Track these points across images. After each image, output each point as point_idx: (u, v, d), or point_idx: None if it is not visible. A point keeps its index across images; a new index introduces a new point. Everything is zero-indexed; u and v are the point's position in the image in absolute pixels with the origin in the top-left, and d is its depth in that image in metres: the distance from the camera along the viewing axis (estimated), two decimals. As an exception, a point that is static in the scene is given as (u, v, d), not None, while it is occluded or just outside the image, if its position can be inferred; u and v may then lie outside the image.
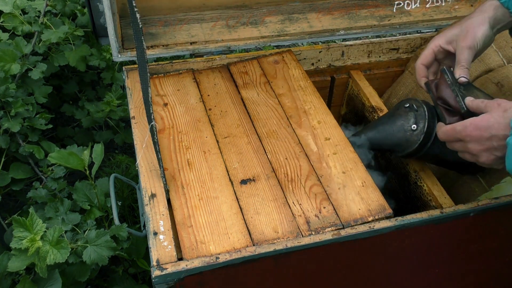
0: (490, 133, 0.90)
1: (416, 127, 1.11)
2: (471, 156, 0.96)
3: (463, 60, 1.05)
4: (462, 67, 1.05)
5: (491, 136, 0.90)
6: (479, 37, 1.04)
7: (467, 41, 1.05)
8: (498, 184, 1.22)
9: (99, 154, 1.42)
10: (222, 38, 1.45)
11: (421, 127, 1.10)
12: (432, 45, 1.12)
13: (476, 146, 0.93)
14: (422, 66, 1.13)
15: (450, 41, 1.09)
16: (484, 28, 1.05)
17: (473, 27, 1.05)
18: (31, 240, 1.15)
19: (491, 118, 0.90)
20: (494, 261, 1.27)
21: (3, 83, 1.57)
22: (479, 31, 1.04)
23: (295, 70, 1.37)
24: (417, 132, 1.11)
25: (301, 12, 1.56)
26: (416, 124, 1.11)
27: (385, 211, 1.04)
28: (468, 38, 1.05)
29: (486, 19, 1.05)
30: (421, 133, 1.10)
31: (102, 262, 1.24)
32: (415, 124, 1.12)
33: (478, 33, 1.04)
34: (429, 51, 1.12)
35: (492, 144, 0.91)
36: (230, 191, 1.06)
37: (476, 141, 0.93)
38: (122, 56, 1.35)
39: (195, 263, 0.90)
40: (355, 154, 1.16)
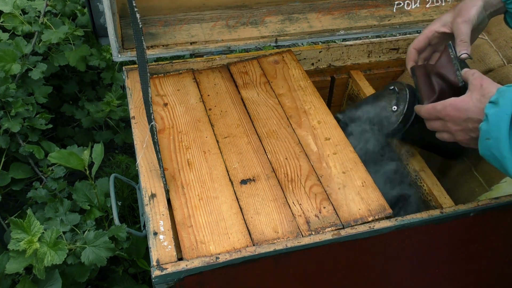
0: (466, 115, 0.94)
1: (396, 108, 1.17)
2: (449, 135, 1.00)
3: (462, 34, 1.06)
4: (462, 42, 1.06)
5: (467, 118, 0.93)
6: (473, 13, 1.06)
7: (463, 16, 1.07)
8: (498, 184, 1.22)
9: (99, 154, 1.42)
10: (222, 38, 1.45)
11: (401, 108, 1.16)
12: (427, 31, 1.14)
13: (454, 125, 0.97)
14: (413, 50, 1.16)
15: (445, 23, 1.11)
16: (478, 5, 1.07)
17: (466, 6, 1.08)
18: (28, 242, 1.14)
19: (469, 101, 0.93)
20: (494, 261, 1.27)
21: (3, 83, 1.57)
22: (473, 9, 1.07)
23: (295, 70, 1.37)
24: (397, 113, 1.17)
25: (301, 12, 1.56)
26: (397, 105, 1.17)
27: (385, 211, 1.04)
28: (463, 14, 1.07)
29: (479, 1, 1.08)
30: (400, 114, 1.16)
31: (101, 263, 1.24)
32: (396, 105, 1.17)
33: (472, 10, 1.07)
34: (423, 36, 1.14)
35: (468, 126, 0.94)
36: (230, 191, 1.06)
37: (454, 121, 0.96)
38: (122, 56, 1.35)
39: (195, 263, 0.90)
40: (355, 154, 1.16)
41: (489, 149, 0.87)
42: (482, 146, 0.89)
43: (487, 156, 0.89)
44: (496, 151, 0.85)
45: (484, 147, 0.88)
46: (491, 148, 0.86)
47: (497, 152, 0.85)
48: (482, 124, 0.88)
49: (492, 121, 0.85)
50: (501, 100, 0.85)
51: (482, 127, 0.88)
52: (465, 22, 1.06)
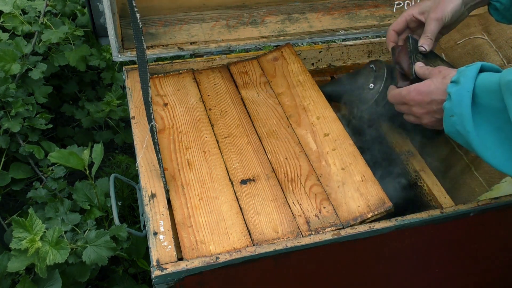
0: (430, 97, 0.98)
1: (373, 86, 1.20)
2: (415, 118, 1.04)
3: (429, 31, 1.11)
4: (425, 37, 1.11)
5: (431, 100, 0.98)
6: (448, 11, 1.09)
7: (436, 13, 1.10)
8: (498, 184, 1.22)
9: (99, 154, 1.42)
10: (222, 38, 1.45)
11: (378, 87, 1.19)
12: (406, 13, 1.17)
13: (419, 109, 1.01)
14: (393, 32, 1.19)
15: (423, 11, 1.14)
16: (455, 3, 1.09)
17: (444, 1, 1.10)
18: (30, 241, 1.14)
19: (431, 84, 0.98)
20: (494, 261, 1.27)
21: (3, 83, 1.57)
22: (449, 6, 1.09)
23: (294, 65, 1.37)
24: (373, 91, 1.20)
25: (301, 12, 1.56)
26: (373, 83, 1.20)
27: (384, 205, 1.04)
28: (438, 10, 1.10)
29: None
30: (376, 92, 1.19)
31: (102, 262, 1.24)
32: (372, 83, 1.20)
33: (448, 7, 1.09)
34: (402, 19, 1.17)
35: (432, 108, 0.99)
36: (230, 191, 1.06)
37: (419, 105, 1.01)
38: (122, 56, 1.35)
39: (195, 263, 0.90)
40: (354, 147, 1.16)
41: (453, 126, 0.91)
42: (447, 124, 0.93)
43: (452, 133, 0.92)
44: (460, 127, 0.89)
45: (448, 125, 0.92)
46: (455, 125, 0.90)
47: (461, 127, 0.89)
48: (446, 103, 0.92)
49: (455, 98, 0.90)
50: (462, 78, 0.90)
51: (446, 106, 0.92)
52: (436, 20, 1.09)
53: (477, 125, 0.88)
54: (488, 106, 0.87)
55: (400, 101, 1.06)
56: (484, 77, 0.88)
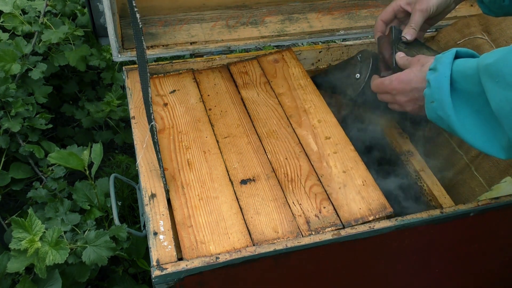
0: (411, 86, 1.01)
1: (359, 76, 1.23)
2: (399, 106, 1.08)
3: (413, 22, 1.14)
4: (409, 27, 1.14)
5: (412, 88, 1.01)
6: (433, 3, 1.13)
7: (421, 4, 1.13)
8: (498, 184, 1.22)
9: (98, 154, 1.42)
10: (222, 38, 1.45)
11: (363, 76, 1.22)
12: (394, 4, 1.20)
13: (402, 97, 1.05)
14: (381, 22, 1.22)
15: (409, 2, 1.17)
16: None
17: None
18: (30, 241, 1.14)
19: (411, 73, 1.02)
20: (494, 261, 1.27)
21: (3, 83, 1.57)
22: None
23: (295, 69, 1.37)
24: (359, 80, 1.23)
25: (301, 12, 1.56)
26: (360, 73, 1.23)
27: (385, 210, 1.04)
28: (423, 2, 1.13)
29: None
30: (362, 81, 1.22)
31: (102, 262, 1.24)
32: (359, 73, 1.23)
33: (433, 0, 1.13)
34: (390, 9, 1.20)
35: (414, 95, 1.02)
36: (230, 191, 1.06)
37: (401, 93, 1.04)
38: (122, 56, 1.35)
39: (195, 263, 0.90)
40: (355, 152, 1.16)
41: (434, 111, 0.94)
42: (429, 110, 0.95)
43: (434, 118, 0.95)
44: (441, 112, 0.92)
45: (430, 111, 0.95)
46: (436, 110, 0.93)
47: (442, 112, 0.92)
48: (426, 89, 0.95)
49: (434, 85, 0.93)
50: (439, 65, 0.93)
51: (426, 92, 0.95)
52: (421, 11, 1.13)
53: (457, 109, 0.90)
54: (465, 91, 0.90)
55: (383, 90, 1.09)
56: (460, 63, 0.91)
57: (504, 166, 1.22)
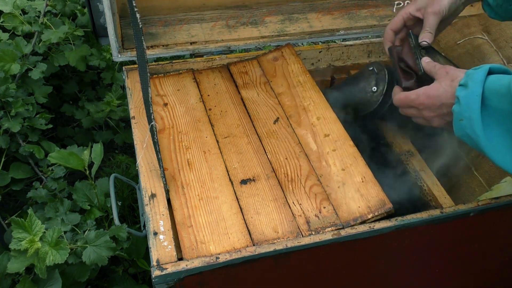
0: (440, 101, 0.98)
1: (376, 89, 1.20)
2: (425, 121, 1.04)
3: (428, 25, 1.11)
4: (425, 32, 1.11)
5: (441, 104, 0.98)
6: (445, 4, 1.10)
7: (434, 7, 1.11)
8: (498, 184, 1.22)
9: (98, 154, 1.42)
10: (222, 38, 1.44)
11: (381, 89, 1.19)
12: (402, 12, 1.17)
13: (429, 112, 1.01)
14: (390, 31, 1.19)
15: (419, 8, 1.14)
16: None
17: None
18: (30, 241, 1.14)
19: (440, 88, 0.98)
20: (494, 261, 1.27)
21: (3, 83, 1.57)
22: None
23: (294, 65, 1.37)
24: (376, 94, 1.20)
25: (301, 12, 1.56)
26: (376, 86, 1.20)
27: (385, 206, 1.04)
28: (435, 4, 1.11)
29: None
30: (380, 94, 1.19)
31: (102, 262, 1.24)
32: (375, 86, 1.20)
33: (445, 1, 1.10)
34: (399, 18, 1.17)
35: (443, 111, 0.99)
36: (230, 191, 1.06)
37: (428, 108, 1.01)
38: (122, 56, 1.35)
39: (195, 263, 0.90)
40: (354, 148, 1.16)
41: (463, 129, 0.91)
42: (457, 127, 0.93)
43: (462, 136, 0.93)
44: (469, 130, 0.89)
45: (458, 128, 0.92)
46: (465, 128, 0.90)
47: (471, 131, 0.89)
48: (455, 106, 0.92)
49: (464, 102, 0.89)
50: (470, 82, 0.89)
51: (455, 109, 0.92)
52: (434, 14, 1.10)
53: (487, 128, 0.88)
54: (497, 109, 0.87)
55: (408, 105, 1.05)
56: (493, 80, 0.88)
57: (504, 166, 1.22)
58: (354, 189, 1.08)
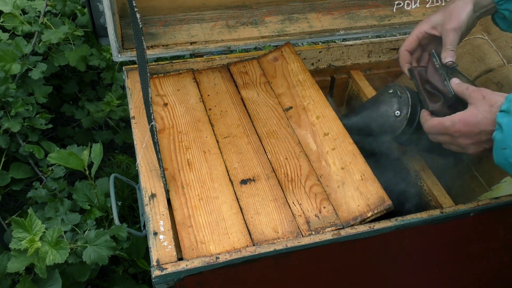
0: (479, 128, 0.92)
1: (399, 113, 1.12)
2: (459, 148, 0.99)
3: (449, 43, 1.05)
4: (448, 50, 1.05)
5: (480, 131, 0.93)
6: (463, 19, 1.05)
7: (453, 23, 1.05)
8: (498, 184, 1.22)
9: (98, 154, 1.42)
10: (222, 38, 1.45)
11: (404, 113, 1.11)
12: (416, 31, 1.12)
13: (465, 140, 0.96)
14: (405, 52, 1.14)
15: (435, 25, 1.09)
16: (468, 10, 1.05)
17: (457, 10, 1.06)
18: (30, 241, 1.14)
19: (479, 114, 0.92)
20: (494, 261, 1.27)
21: (3, 83, 1.57)
22: (463, 13, 1.05)
23: (293, 64, 1.37)
24: (400, 118, 1.12)
25: (301, 12, 1.56)
26: (399, 110, 1.12)
27: (384, 203, 1.04)
28: (453, 20, 1.05)
29: (469, 2, 1.06)
30: (404, 119, 1.11)
31: (102, 262, 1.24)
32: (398, 110, 1.12)
33: (463, 15, 1.05)
34: (413, 37, 1.12)
35: (481, 138, 0.94)
36: (230, 191, 1.06)
37: (465, 136, 0.95)
38: (122, 56, 1.35)
39: (195, 263, 0.90)
40: (354, 145, 1.16)
41: (505, 158, 0.86)
42: (498, 156, 0.88)
43: (504, 165, 0.88)
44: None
45: (500, 157, 0.87)
46: (508, 158, 0.85)
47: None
48: (496, 133, 0.87)
49: (507, 130, 0.84)
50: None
51: (496, 137, 0.87)
52: (454, 30, 1.05)
53: None
54: None
55: (442, 132, 0.99)
56: None
57: (504, 166, 1.22)
58: (353, 188, 1.08)
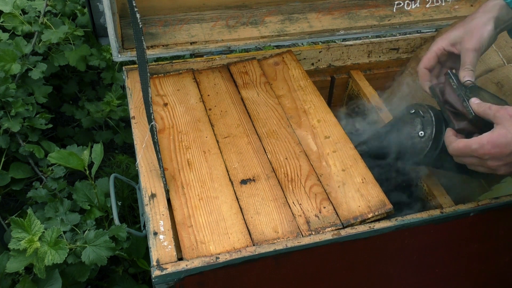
0: (509, 149, 0.89)
1: (423, 134, 1.06)
2: (488, 169, 0.96)
3: (468, 63, 1.02)
4: (467, 69, 1.02)
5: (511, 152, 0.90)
6: (485, 38, 1.02)
7: (473, 43, 1.02)
8: (498, 184, 1.23)
9: (98, 154, 1.42)
10: (222, 38, 1.45)
11: (429, 133, 1.06)
12: (435, 48, 1.09)
13: (495, 162, 0.93)
14: (425, 70, 1.10)
15: (454, 43, 1.06)
16: (489, 29, 1.02)
17: (478, 28, 1.03)
18: (29, 241, 1.14)
19: (508, 134, 0.89)
20: (494, 261, 1.27)
21: (3, 83, 1.57)
22: (484, 32, 1.02)
23: (295, 70, 1.37)
24: (424, 139, 1.06)
25: (301, 12, 1.56)
26: (423, 130, 1.07)
27: (385, 206, 1.04)
28: (473, 39, 1.02)
29: (491, 20, 1.03)
30: (429, 139, 1.06)
31: (101, 262, 1.24)
32: (422, 130, 1.07)
33: (484, 34, 1.02)
34: (432, 55, 1.09)
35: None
36: (230, 191, 1.06)
37: (495, 158, 0.92)
38: (122, 56, 1.35)
39: (195, 263, 0.90)
40: (355, 150, 1.16)
41: None
42: None
43: None
44: None
45: None
46: None
47: None
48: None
49: None
50: None
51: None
52: (474, 50, 1.02)
53: None
54: None
55: (469, 155, 0.96)
56: None
57: (504, 166, 1.22)
58: (354, 189, 1.08)
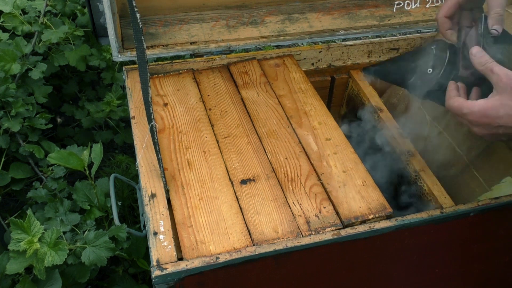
0: (498, 123, 0.87)
1: (431, 71, 1.05)
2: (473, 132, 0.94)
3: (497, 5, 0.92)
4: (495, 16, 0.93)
5: (499, 126, 0.87)
6: None
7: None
8: (498, 184, 1.22)
9: (98, 154, 1.42)
10: (222, 38, 1.45)
11: (436, 72, 1.05)
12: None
13: (481, 130, 0.91)
14: (445, 19, 1.03)
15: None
16: None
17: None
18: (29, 242, 1.14)
19: (501, 109, 0.86)
20: (494, 261, 1.27)
21: (3, 83, 1.57)
22: None
23: (295, 74, 1.38)
24: (430, 76, 1.06)
25: (301, 12, 1.56)
26: (432, 68, 1.05)
27: (385, 210, 1.04)
28: None
29: None
30: (434, 78, 1.05)
31: (101, 263, 1.24)
32: (432, 67, 1.06)
33: None
34: (452, 2, 1.01)
35: (498, 131, 0.89)
36: (230, 191, 1.06)
37: (481, 126, 0.90)
38: (122, 56, 1.35)
39: (195, 263, 0.90)
40: (355, 154, 1.16)
41: None
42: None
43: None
44: None
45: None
46: None
47: None
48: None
49: None
50: None
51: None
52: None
53: None
54: None
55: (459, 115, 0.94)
56: None
57: (504, 166, 1.22)
58: (355, 191, 1.08)
